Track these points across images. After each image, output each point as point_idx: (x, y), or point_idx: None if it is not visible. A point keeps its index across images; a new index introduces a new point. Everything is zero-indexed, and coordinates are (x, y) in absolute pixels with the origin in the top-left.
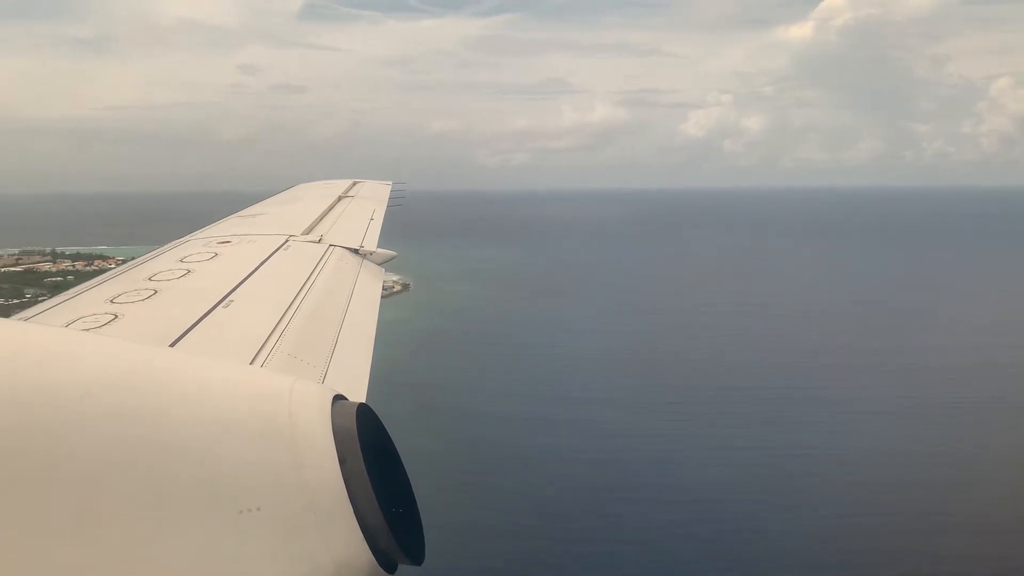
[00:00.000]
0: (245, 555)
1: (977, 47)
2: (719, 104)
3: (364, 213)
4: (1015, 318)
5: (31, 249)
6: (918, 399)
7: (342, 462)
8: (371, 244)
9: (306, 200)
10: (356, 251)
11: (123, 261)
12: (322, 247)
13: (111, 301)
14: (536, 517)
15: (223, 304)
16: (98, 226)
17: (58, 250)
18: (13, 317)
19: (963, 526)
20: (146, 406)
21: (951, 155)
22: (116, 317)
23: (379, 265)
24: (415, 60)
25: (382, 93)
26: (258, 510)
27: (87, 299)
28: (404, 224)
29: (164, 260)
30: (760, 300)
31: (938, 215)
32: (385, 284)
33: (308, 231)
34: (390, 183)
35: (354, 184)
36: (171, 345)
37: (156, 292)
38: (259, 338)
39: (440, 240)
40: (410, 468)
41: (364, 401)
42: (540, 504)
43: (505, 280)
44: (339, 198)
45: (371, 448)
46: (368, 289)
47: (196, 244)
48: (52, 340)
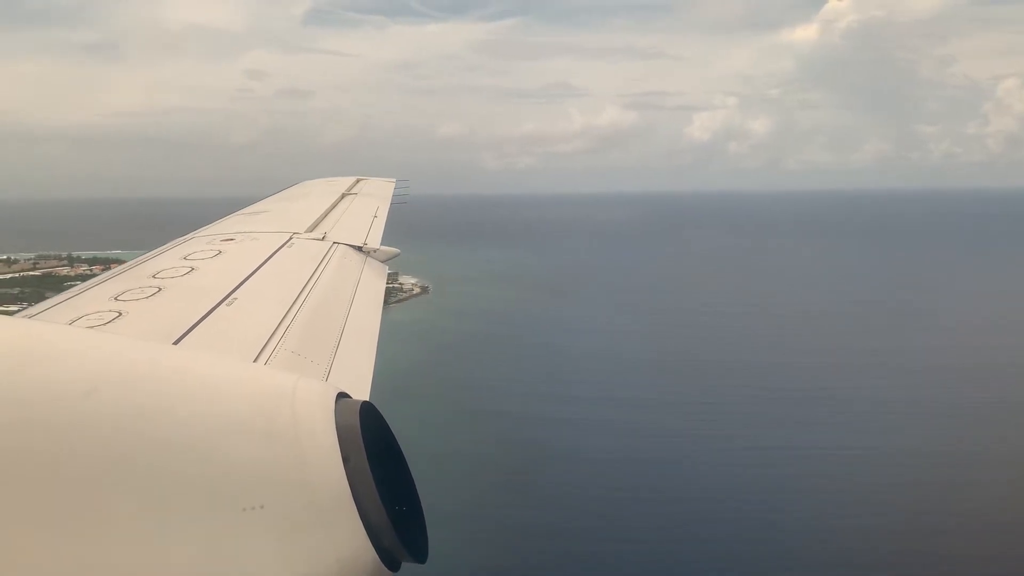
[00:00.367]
0: (249, 553)
1: (983, 48)
2: (724, 107)
3: (368, 211)
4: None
5: (47, 254)
6: (940, 399)
7: (346, 460)
8: (375, 242)
9: (310, 197)
10: (360, 248)
11: None
12: (326, 244)
13: (115, 299)
14: (576, 517)
15: (227, 302)
16: (110, 231)
17: (74, 254)
18: (17, 315)
19: (990, 526)
20: (150, 404)
21: (958, 156)
22: (120, 315)
23: (383, 263)
24: (421, 65)
25: (389, 97)
26: (262, 508)
27: (91, 297)
28: (417, 227)
29: (168, 258)
30: (775, 301)
31: (946, 217)
32: (404, 287)
33: (312, 228)
34: (394, 180)
35: (358, 181)
36: (175, 343)
37: (160, 290)
38: (263, 336)
39: (453, 243)
40: (449, 468)
41: (368, 399)
42: (580, 504)
43: (523, 282)
44: (343, 195)
45: (375, 446)
46: (372, 287)
47: (200, 242)
48: (56, 338)
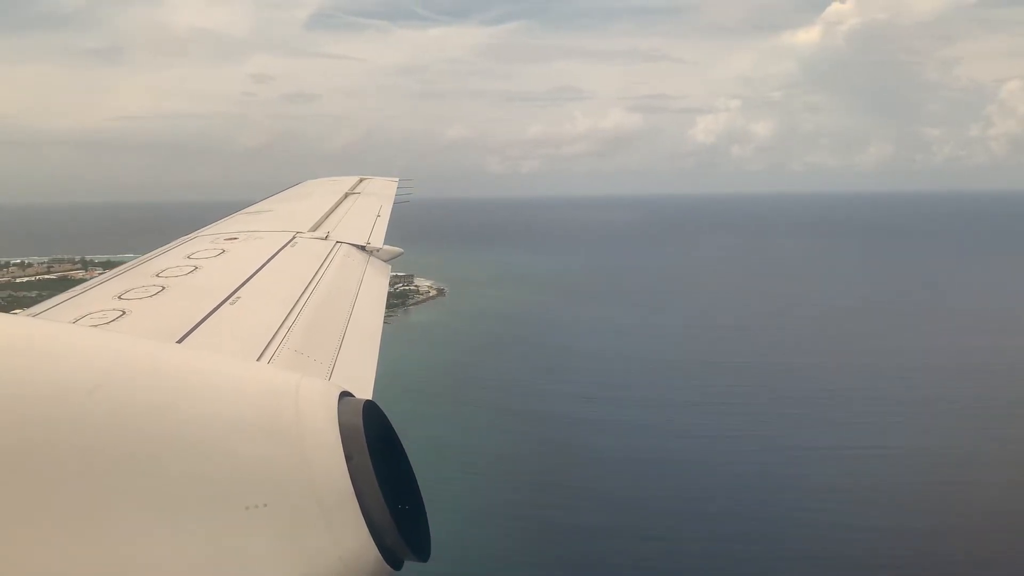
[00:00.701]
0: (251, 551)
1: (986, 50)
2: (727, 110)
3: (371, 210)
4: None
5: (60, 257)
6: (963, 398)
7: (348, 459)
8: (378, 241)
9: (313, 197)
10: (363, 248)
11: None
12: (329, 244)
13: (119, 297)
14: (609, 516)
15: (230, 301)
16: (119, 234)
17: (87, 258)
18: (21, 313)
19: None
20: (153, 402)
21: (961, 159)
22: (124, 313)
23: (386, 262)
24: (425, 69)
25: (394, 101)
26: (265, 506)
27: (95, 296)
28: (426, 230)
29: (171, 257)
30: (796, 303)
31: (954, 219)
32: (421, 289)
33: (315, 228)
34: (397, 180)
35: (361, 181)
36: (178, 341)
37: (163, 289)
38: (266, 335)
39: (463, 246)
40: (488, 468)
41: (371, 398)
42: (613, 504)
43: (539, 284)
44: (346, 195)
45: (377, 444)
46: (375, 286)
47: (203, 241)
48: (60, 336)
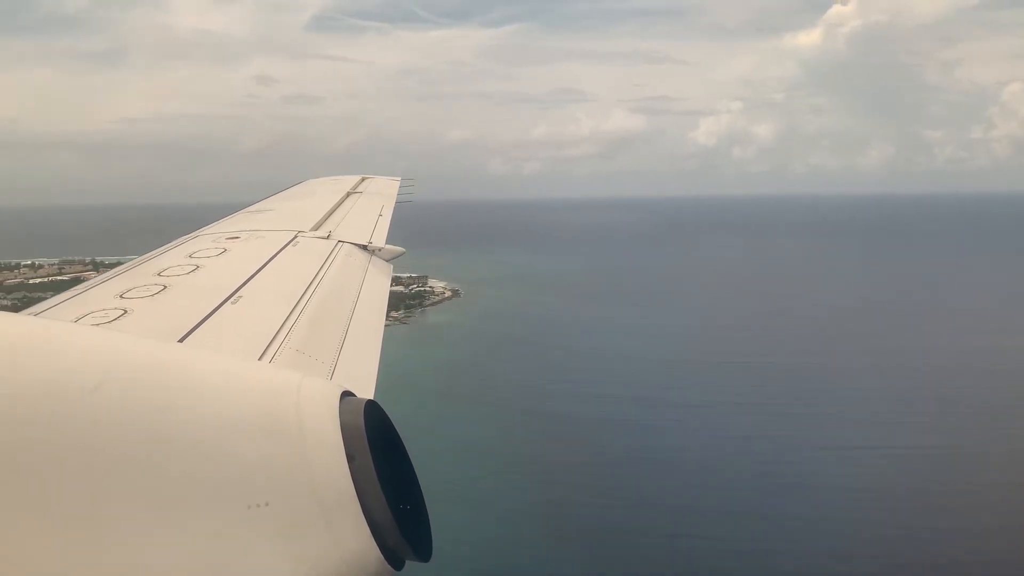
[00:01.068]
0: (253, 550)
1: (987, 52)
2: (729, 112)
3: (373, 209)
4: None
5: (71, 259)
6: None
7: (350, 459)
8: (380, 240)
9: (315, 196)
10: (364, 247)
11: None
12: (331, 243)
13: (120, 296)
14: (645, 516)
15: (232, 300)
16: (125, 236)
17: (98, 259)
18: (23, 312)
19: None
20: (155, 401)
21: (963, 161)
22: (125, 312)
23: (388, 261)
24: (427, 71)
25: (396, 103)
26: (266, 506)
27: (96, 294)
28: (433, 232)
29: (173, 256)
30: (812, 303)
31: (959, 221)
32: (436, 290)
33: (317, 227)
34: (399, 179)
35: (363, 180)
36: (180, 341)
37: (165, 288)
38: (267, 334)
39: (471, 248)
40: (522, 469)
41: (372, 397)
42: (646, 503)
43: (552, 285)
44: (348, 194)
45: (379, 444)
46: (376, 285)
47: (205, 240)
48: (62, 334)
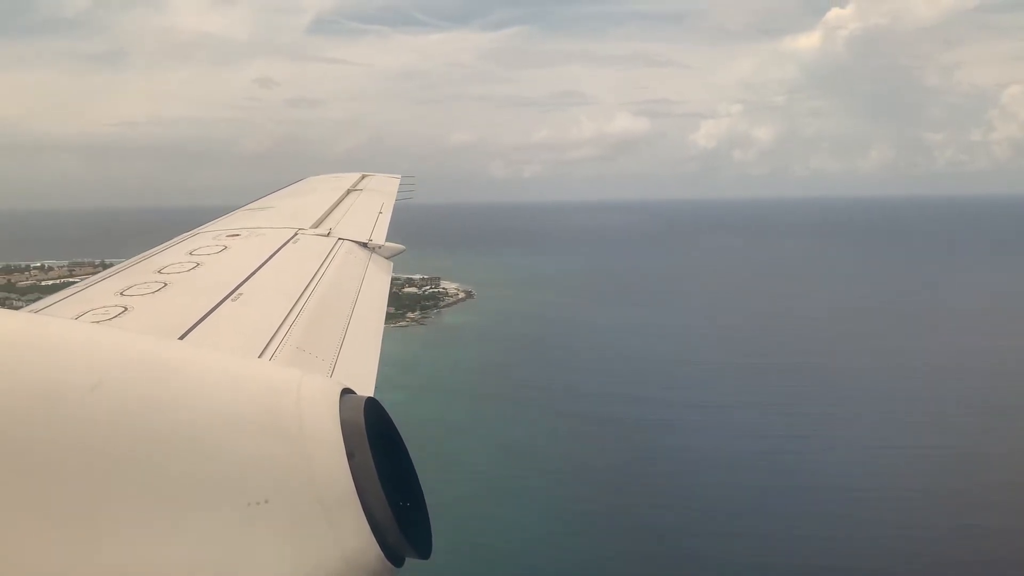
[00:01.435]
0: (253, 548)
1: (987, 55)
2: (730, 115)
3: (373, 207)
4: None
5: (80, 261)
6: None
7: (350, 456)
8: (380, 238)
9: (315, 193)
10: (365, 245)
11: None
12: (331, 240)
13: (121, 294)
14: (679, 515)
15: (232, 297)
16: (128, 239)
17: (107, 261)
18: (23, 309)
19: None
20: (155, 398)
21: (963, 163)
22: (126, 310)
23: (388, 259)
24: (427, 74)
25: (396, 106)
26: (266, 503)
27: (97, 292)
28: (439, 235)
29: (173, 253)
30: (825, 304)
31: (966, 223)
32: (449, 291)
33: (317, 224)
34: (399, 176)
35: (363, 177)
36: (180, 338)
37: (165, 285)
38: (268, 331)
39: (479, 250)
40: (561, 469)
41: (372, 395)
42: (700, 504)
43: (564, 286)
44: (348, 191)
45: (379, 442)
46: (377, 283)
47: (205, 237)
48: (62, 332)
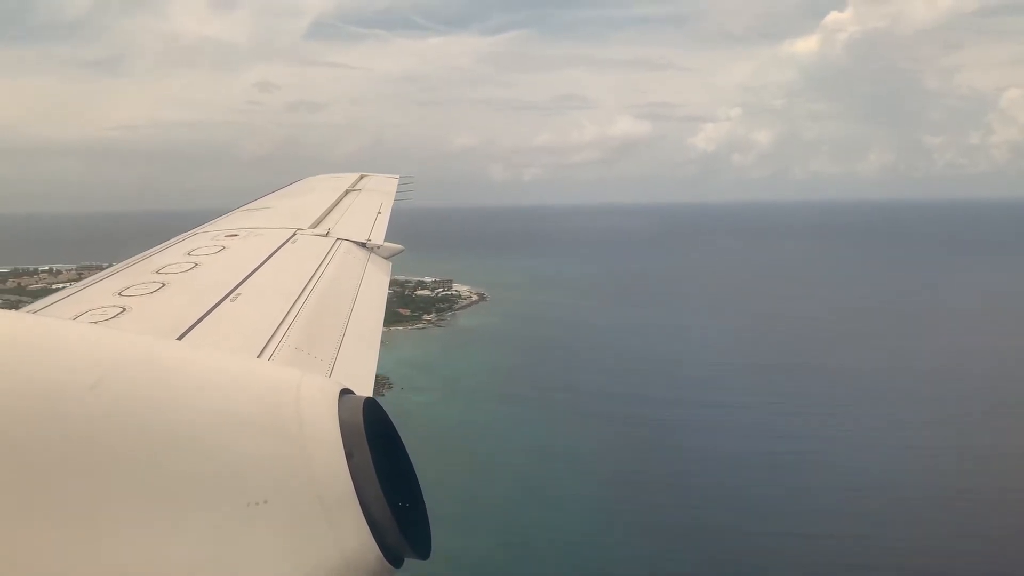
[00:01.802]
0: (252, 548)
1: (986, 58)
2: (730, 119)
3: (372, 207)
4: None
5: (89, 264)
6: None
7: (349, 456)
8: (378, 238)
9: (314, 193)
10: (363, 245)
11: None
12: (329, 241)
13: (119, 294)
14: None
15: (230, 297)
16: (137, 242)
17: (115, 264)
18: (21, 309)
19: None
20: (154, 399)
21: (963, 167)
22: (124, 310)
23: (387, 259)
24: (427, 78)
25: (397, 110)
26: (265, 503)
27: (95, 292)
28: (444, 238)
29: (172, 253)
30: (838, 305)
31: (968, 226)
32: (462, 294)
33: (315, 224)
34: (397, 176)
35: (361, 177)
36: (178, 338)
37: (164, 285)
38: (266, 332)
39: (485, 253)
40: (603, 471)
41: (371, 395)
42: (744, 504)
43: (575, 288)
44: (346, 191)
45: (378, 442)
46: (375, 283)
47: (204, 237)
48: (60, 332)
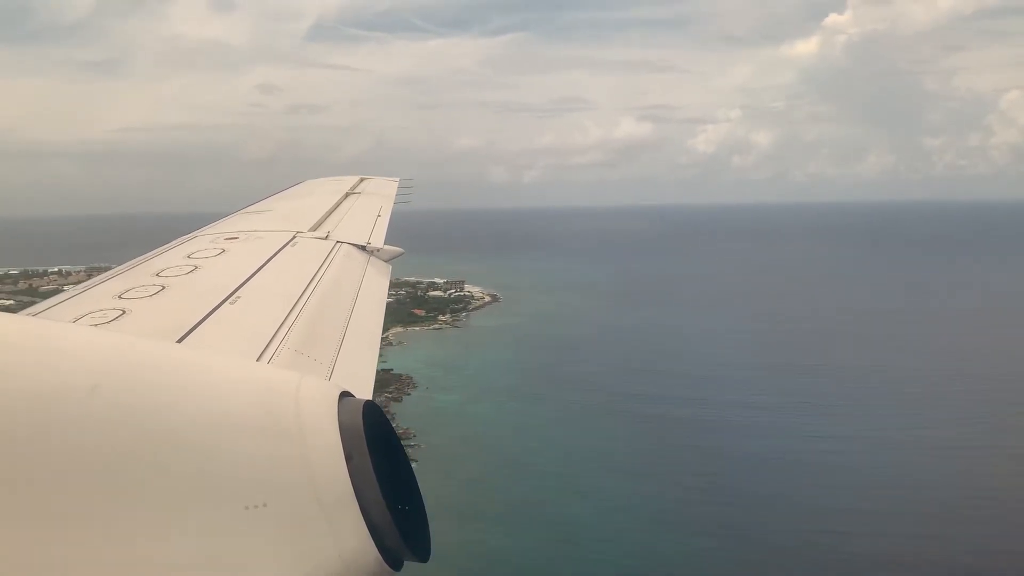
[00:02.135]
0: (251, 551)
1: (985, 60)
2: (730, 120)
3: (371, 210)
4: None
5: (98, 266)
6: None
7: (348, 459)
8: (378, 241)
9: (313, 196)
10: (363, 248)
11: None
12: (329, 244)
13: (119, 297)
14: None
15: (230, 300)
16: (140, 244)
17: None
18: (21, 312)
19: None
20: (154, 401)
21: (962, 168)
22: (124, 313)
23: (386, 262)
24: (427, 80)
25: (399, 112)
26: (264, 506)
27: (95, 295)
28: (448, 240)
29: (171, 256)
30: (850, 306)
31: (971, 228)
32: (475, 295)
33: (315, 227)
34: (397, 180)
35: (361, 180)
36: (178, 341)
37: (164, 288)
38: (266, 334)
39: (491, 255)
40: (646, 471)
41: (370, 398)
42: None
43: (582, 290)
44: (346, 194)
45: (377, 445)
46: (375, 286)
47: (203, 240)
48: (60, 335)
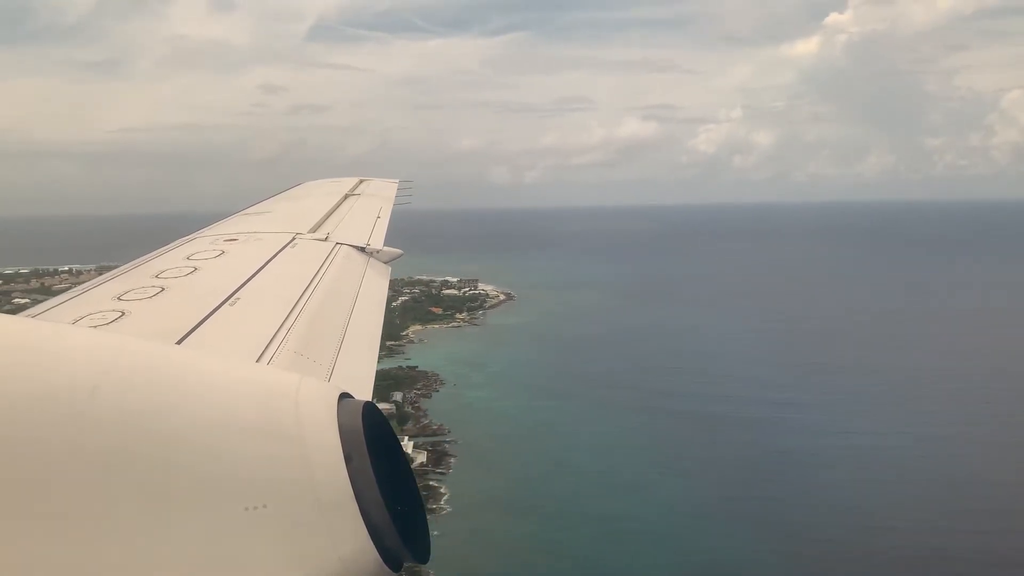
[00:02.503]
0: (251, 552)
1: (986, 60)
2: (731, 120)
3: (371, 211)
4: None
5: (108, 265)
6: None
7: (348, 460)
8: (378, 242)
9: (313, 198)
10: (363, 249)
11: None
12: (328, 245)
13: (118, 298)
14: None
15: (230, 302)
16: (141, 244)
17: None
18: (21, 314)
19: None
20: (153, 403)
21: (963, 168)
22: (123, 314)
23: (386, 263)
24: (428, 79)
25: (401, 112)
26: (264, 507)
27: (95, 296)
28: (452, 239)
29: (171, 258)
30: (859, 306)
31: (977, 228)
32: (491, 294)
33: (315, 229)
34: (397, 181)
35: (361, 182)
36: (178, 342)
37: (163, 289)
38: (265, 336)
39: (500, 254)
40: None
41: (370, 399)
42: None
43: (596, 289)
44: (345, 196)
45: (376, 446)
46: (374, 287)
47: (203, 242)
48: (60, 337)
